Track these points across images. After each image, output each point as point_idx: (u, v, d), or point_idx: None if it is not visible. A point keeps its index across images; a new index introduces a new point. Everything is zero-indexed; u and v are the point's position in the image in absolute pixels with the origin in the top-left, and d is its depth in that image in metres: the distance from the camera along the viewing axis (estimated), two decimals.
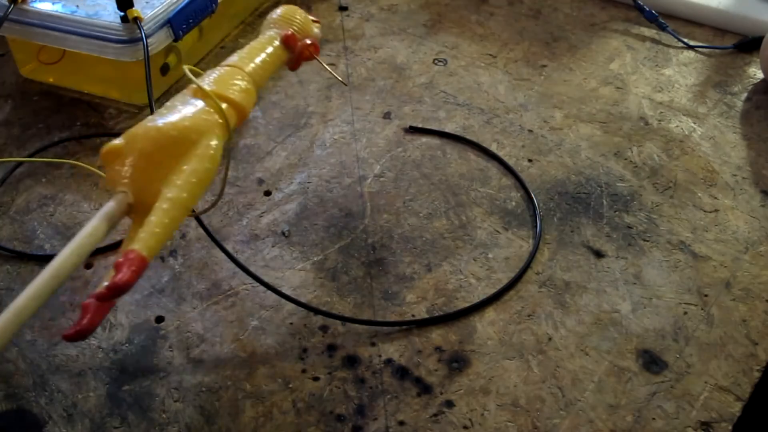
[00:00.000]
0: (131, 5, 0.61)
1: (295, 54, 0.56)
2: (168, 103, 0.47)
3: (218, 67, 0.51)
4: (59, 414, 0.46)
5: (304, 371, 0.48)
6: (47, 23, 0.64)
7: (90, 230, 0.40)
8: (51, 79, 0.72)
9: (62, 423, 0.45)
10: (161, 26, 0.64)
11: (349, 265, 0.55)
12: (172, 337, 0.50)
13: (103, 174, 0.50)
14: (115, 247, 0.56)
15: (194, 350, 0.49)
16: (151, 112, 0.54)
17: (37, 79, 0.73)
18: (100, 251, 0.56)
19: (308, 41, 0.57)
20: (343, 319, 0.51)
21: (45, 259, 0.55)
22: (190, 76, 0.48)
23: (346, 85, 0.63)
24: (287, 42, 0.55)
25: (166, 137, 0.43)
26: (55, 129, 0.67)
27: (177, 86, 0.72)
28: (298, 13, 0.57)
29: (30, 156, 0.64)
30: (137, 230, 0.42)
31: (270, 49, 0.54)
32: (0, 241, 0.57)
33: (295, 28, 0.56)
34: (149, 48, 0.62)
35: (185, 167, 0.43)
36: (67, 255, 0.39)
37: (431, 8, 0.85)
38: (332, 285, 0.54)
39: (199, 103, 0.46)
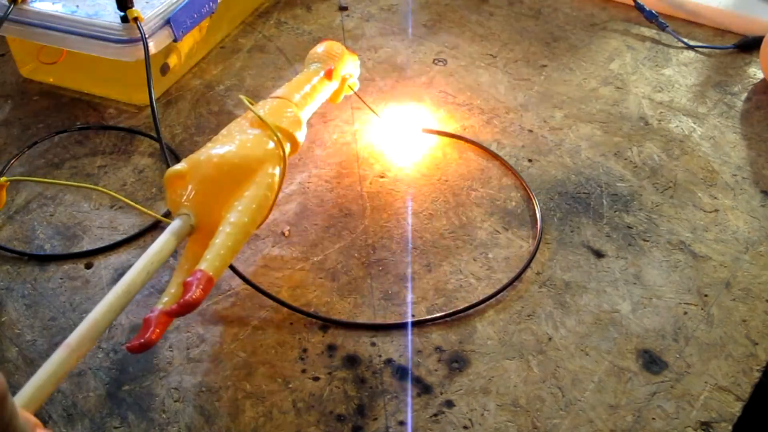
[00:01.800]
0: (131, 5, 0.61)
1: (338, 87, 0.61)
2: (224, 131, 0.51)
3: (269, 99, 0.54)
4: (59, 414, 0.46)
5: (304, 371, 0.48)
6: (47, 23, 0.64)
7: (158, 247, 0.44)
8: (51, 79, 0.72)
9: (62, 423, 0.45)
10: (161, 26, 0.64)
11: (349, 265, 0.55)
12: (172, 337, 0.50)
13: (126, 200, 0.53)
14: (113, 248, 0.56)
15: (194, 350, 0.50)
16: (153, 113, 0.55)
17: (37, 79, 0.73)
18: (99, 251, 0.56)
19: (349, 76, 0.61)
20: (340, 324, 0.51)
21: (45, 259, 0.55)
22: (251, 107, 0.51)
23: (378, 117, 0.66)
24: (330, 77, 0.59)
25: (228, 164, 0.47)
26: (55, 129, 0.67)
27: (177, 86, 0.72)
28: (339, 48, 0.62)
29: (22, 151, 0.64)
30: (194, 250, 0.45)
31: (315, 82, 0.58)
32: (0, 241, 0.57)
33: (337, 62, 0.60)
34: (149, 48, 0.62)
35: (246, 193, 0.46)
36: (138, 270, 0.42)
37: (431, 8, 0.85)
38: (332, 285, 0.54)
39: (257, 132, 0.50)
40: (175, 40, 0.66)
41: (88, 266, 0.55)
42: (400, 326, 0.51)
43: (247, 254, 0.56)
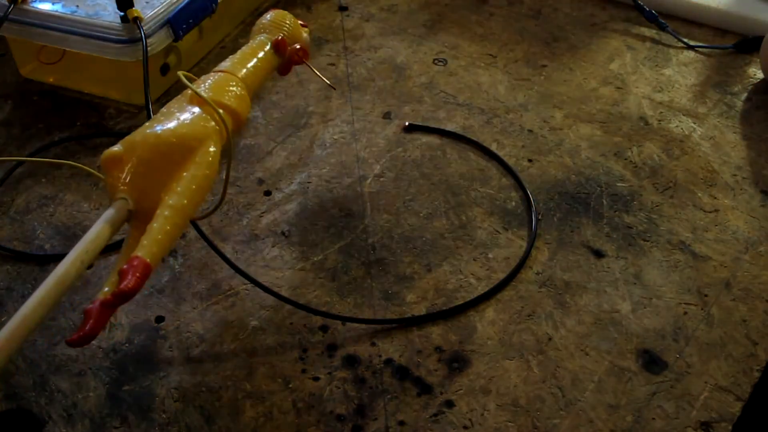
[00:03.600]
0: (131, 5, 0.61)
1: (285, 59, 0.57)
2: (164, 110, 0.47)
3: (212, 73, 0.51)
4: (59, 414, 0.46)
5: (304, 371, 0.48)
6: (47, 23, 0.64)
7: (92, 236, 0.41)
8: (51, 79, 0.72)
9: (62, 423, 0.45)
10: (161, 26, 0.64)
11: (349, 265, 0.55)
12: (172, 337, 0.50)
13: (100, 175, 0.50)
14: (113, 248, 0.56)
15: (194, 350, 0.49)
16: (148, 113, 0.55)
17: (37, 79, 0.73)
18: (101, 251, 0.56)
19: (297, 46, 0.58)
20: (342, 319, 0.51)
21: (45, 259, 0.55)
22: (188, 84, 0.48)
23: (334, 89, 0.64)
24: (278, 47, 0.56)
25: (165, 144, 0.44)
26: (55, 129, 0.67)
27: (177, 86, 0.72)
28: (288, 18, 0.58)
29: (30, 156, 0.64)
30: (137, 237, 0.42)
31: (261, 54, 0.55)
32: (0, 241, 0.57)
33: (285, 33, 0.57)
34: (149, 48, 0.62)
35: (185, 174, 0.43)
36: (71, 261, 0.39)
37: (431, 8, 0.85)
38: (332, 285, 0.54)
39: (196, 110, 0.47)
40: (175, 40, 0.66)
41: (88, 266, 0.55)
42: (399, 322, 0.51)
43: (247, 254, 0.56)
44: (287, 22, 0.58)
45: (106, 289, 0.41)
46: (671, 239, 0.57)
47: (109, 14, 0.63)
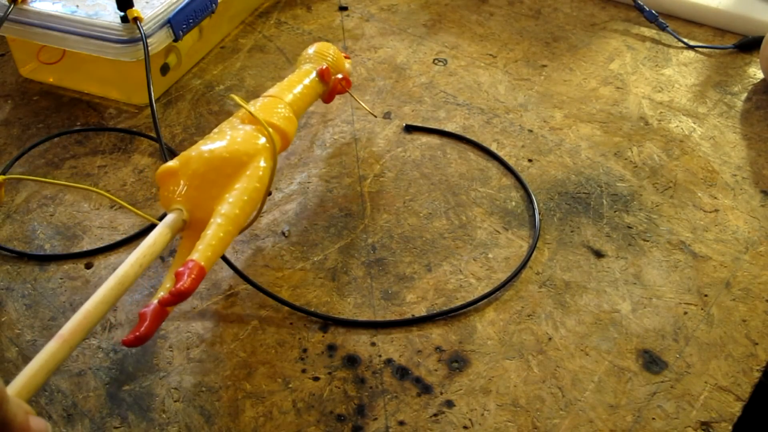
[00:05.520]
0: (131, 5, 0.61)
1: (329, 87, 0.62)
2: (217, 129, 0.52)
3: (261, 97, 0.55)
4: (59, 414, 0.46)
5: (304, 371, 0.48)
6: (47, 23, 0.64)
7: (152, 240, 0.44)
8: (51, 79, 0.72)
9: (62, 423, 0.45)
10: (161, 26, 0.64)
11: (349, 265, 0.55)
12: (172, 337, 0.50)
13: (116, 199, 0.54)
14: (113, 248, 0.56)
15: (194, 350, 0.50)
16: (152, 112, 0.56)
17: (37, 79, 0.73)
18: (99, 251, 0.56)
19: (340, 75, 0.62)
20: (340, 322, 0.51)
21: (45, 259, 0.55)
22: (242, 104, 0.52)
23: (375, 116, 0.67)
24: (322, 76, 0.60)
25: (218, 159, 0.48)
26: (55, 129, 0.67)
27: (177, 86, 0.72)
28: (332, 49, 0.63)
29: (26, 151, 0.64)
30: (188, 245, 0.46)
31: (307, 81, 0.59)
32: (0, 241, 0.57)
33: (329, 62, 0.62)
34: (149, 48, 0.62)
35: (237, 186, 0.47)
36: (131, 263, 0.42)
37: (431, 8, 0.85)
38: (332, 285, 0.54)
39: (248, 128, 0.51)
40: (175, 40, 0.66)
41: (88, 266, 0.55)
42: (399, 323, 0.51)
43: (247, 254, 0.56)
44: (330, 52, 0.63)
45: (161, 294, 0.44)
46: (671, 239, 0.57)
47: (109, 14, 0.63)
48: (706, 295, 0.53)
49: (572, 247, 0.57)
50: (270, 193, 0.61)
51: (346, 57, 0.65)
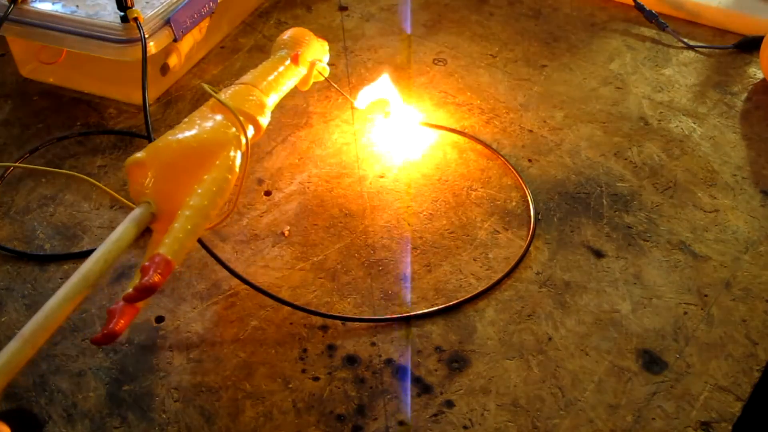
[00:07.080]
0: (131, 5, 0.61)
1: (307, 73, 0.59)
2: (187, 119, 0.50)
3: (233, 85, 0.53)
4: (59, 414, 0.46)
5: (304, 371, 0.48)
6: (47, 23, 0.64)
7: (117, 235, 0.42)
8: (51, 79, 0.72)
9: (62, 423, 0.45)
10: (161, 26, 0.64)
11: (349, 265, 0.55)
12: (172, 337, 0.50)
13: (96, 183, 0.53)
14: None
15: (194, 350, 0.49)
16: (145, 113, 0.56)
17: (37, 79, 0.73)
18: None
19: (317, 61, 0.60)
20: (342, 319, 0.51)
21: (45, 259, 0.55)
22: (211, 92, 0.50)
23: (353, 107, 0.66)
24: (296, 62, 0.58)
25: (187, 149, 0.46)
26: (55, 129, 0.67)
27: (177, 86, 0.72)
28: (307, 35, 0.61)
29: (29, 153, 0.64)
30: (158, 239, 0.44)
31: (281, 68, 0.57)
32: (0, 241, 0.57)
33: (304, 48, 0.59)
34: (149, 48, 0.62)
35: (206, 177, 0.45)
36: (95, 259, 0.41)
37: (431, 8, 0.85)
38: (332, 285, 0.54)
39: (218, 117, 0.49)
40: (175, 40, 0.66)
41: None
42: (398, 321, 0.51)
43: (247, 254, 0.56)
44: (306, 38, 0.60)
45: (130, 290, 0.42)
46: (671, 239, 0.57)
47: (109, 14, 0.63)
48: (706, 295, 0.53)
49: (572, 247, 0.57)
50: (270, 193, 0.61)
51: (322, 42, 0.62)
